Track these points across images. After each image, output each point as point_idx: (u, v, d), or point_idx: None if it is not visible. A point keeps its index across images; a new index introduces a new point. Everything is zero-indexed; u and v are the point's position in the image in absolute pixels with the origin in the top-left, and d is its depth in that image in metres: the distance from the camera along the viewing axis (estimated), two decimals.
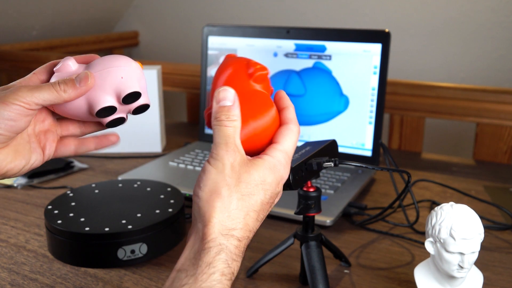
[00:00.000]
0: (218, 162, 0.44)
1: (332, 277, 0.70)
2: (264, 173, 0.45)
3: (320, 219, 0.82)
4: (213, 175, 0.44)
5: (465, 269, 0.55)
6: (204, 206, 0.44)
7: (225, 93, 0.46)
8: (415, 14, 1.69)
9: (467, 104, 1.22)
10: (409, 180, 0.62)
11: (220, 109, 0.46)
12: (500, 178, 1.10)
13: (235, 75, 0.50)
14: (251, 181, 0.45)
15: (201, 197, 0.44)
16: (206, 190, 0.44)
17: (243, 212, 0.44)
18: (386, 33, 1.03)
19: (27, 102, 0.45)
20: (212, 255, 0.41)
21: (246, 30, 1.17)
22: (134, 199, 0.81)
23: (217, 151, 0.45)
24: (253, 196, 0.45)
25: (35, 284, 0.69)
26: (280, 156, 0.47)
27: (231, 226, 0.43)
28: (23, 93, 0.45)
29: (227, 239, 0.43)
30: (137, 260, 0.73)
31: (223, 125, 0.45)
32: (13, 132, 0.46)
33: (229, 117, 0.45)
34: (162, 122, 1.26)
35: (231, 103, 0.46)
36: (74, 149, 0.53)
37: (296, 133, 0.49)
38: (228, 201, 0.43)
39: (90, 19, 2.19)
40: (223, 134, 0.45)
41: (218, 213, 0.43)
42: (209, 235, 0.42)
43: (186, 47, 2.19)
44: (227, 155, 0.44)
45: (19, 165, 0.49)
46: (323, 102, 1.09)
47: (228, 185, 0.44)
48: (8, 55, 1.82)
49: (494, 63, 1.61)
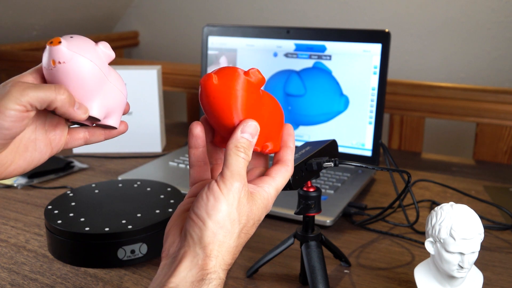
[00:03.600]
0: (230, 193, 0.44)
1: (332, 277, 0.70)
2: (258, 210, 0.47)
3: (320, 219, 0.82)
4: (224, 207, 0.44)
5: (465, 269, 0.55)
6: (208, 236, 0.43)
7: (254, 129, 0.46)
8: (415, 14, 1.69)
9: (467, 104, 1.22)
10: (409, 180, 0.62)
11: (244, 141, 0.46)
12: (500, 178, 1.10)
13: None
14: (251, 220, 0.46)
15: (207, 226, 0.43)
16: (214, 220, 0.43)
17: (238, 249, 0.45)
18: (386, 33, 1.03)
19: (21, 104, 0.41)
20: (212, 287, 0.43)
21: (246, 30, 1.17)
22: (134, 199, 0.81)
23: (232, 181, 0.44)
24: (249, 234, 0.46)
25: (35, 284, 0.69)
26: (273, 193, 0.48)
27: (229, 261, 0.45)
28: (16, 93, 0.41)
29: (225, 273, 0.44)
30: (137, 260, 0.73)
31: (241, 157, 0.45)
32: (9, 138, 0.43)
33: (247, 152, 0.46)
34: (162, 122, 1.26)
35: (253, 140, 0.47)
36: (83, 141, 0.52)
37: (289, 174, 0.50)
38: (233, 238, 0.44)
39: (90, 19, 2.19)
40: (240, 165, 0.45)
41: (222, 247, 0.44)
42: (211, 268, 0.43)
43: (186, 47, 2.19)
44: (239, 189, 0.44)
45: (21, 166, 0.47)
46: (323, 102, 1.09)
47: (235, 221, 0.44)
48: (8, 55, 1.82)
49: (494, 63, 1.61)
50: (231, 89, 0.45)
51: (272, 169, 0.50)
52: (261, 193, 0.47)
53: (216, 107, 0.46)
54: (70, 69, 0.43)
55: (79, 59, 0.43)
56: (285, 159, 0.50)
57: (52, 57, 0.43)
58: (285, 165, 0.50)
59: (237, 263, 0.74)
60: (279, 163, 0.50)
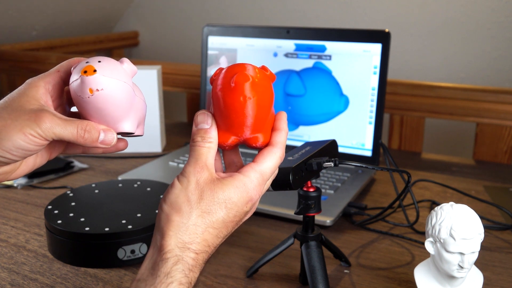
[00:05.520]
0: (184, 178, 0.46)
1: (332, 277, 0.70)
2: (229, 192, 0.46)
3: (320, 219, 0.82)
4: (177, 190, 0.46)
5: (465, 269, 0.55)
6: (163, 219, 0.45)
7: (203, 116, 0.48)
8: (415, 14, 1.69)
9: (467, 104, 1.22)
10: (409, 180, 0.62)
11: (197, 131, 0.48)
12: (500, 178, 1.10)
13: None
14: (214, 199, 0.46)
15: (163, 210, 0.46)
16: (168, 204, 0.45)
17: (201, 228, 0.45)
18: (386, 33, 1.03)
19: (46, 137, 0.44)
20: (169, 265, 0.43)
21: (246, 30, 1.17)
22: (134, 199, 0.81)
23: (186, 168, 0.47)
24: (214, 213, 0.45)
25: (35, 284, 0.69)
26: (254, 176, 0.47)
27: (187, 240, 0.44)
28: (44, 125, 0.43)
29: (183, 251, 0.44)
30: (137, 260, 0.73)
31: (197, 145, 0.47)
32: (24, 156, 0.46)
33: (205, 138, 0.47)
34: (162, 122, 1.26)
35: (208, 126, 0.48)
36: (82, 150, 0.53)
37: (278, 157, 0.49)
38: (187, 216, 0.45)
39: (90, 19, 2.19)
40: (196, 153, 0.47)
41: (175, 227, 0.44)
42: (166, 247, 0.43)
43: (186, 47, 2.19)
44: (194, 172, 0.46)
45: (25, 170, 0.50)
46: (323, 102, 1.09)
47: (189, 201, 0.45)
48: (8, 55, 1.81)
49: (494, 63, 1.61)
50: (270, 88, 0.47)
51: (259, 154, 0.49)
52: (235, 176, 0.47)
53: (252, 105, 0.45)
54: (107, 95, 0.45)
55: (115, 83, 0.45)
56: (274, 140, 0.49)
57: (89, 86, 0.44)
58: (273, 148, 0.49)
59: (237, 263, 0.74)
60: (267, 146, 0.49)
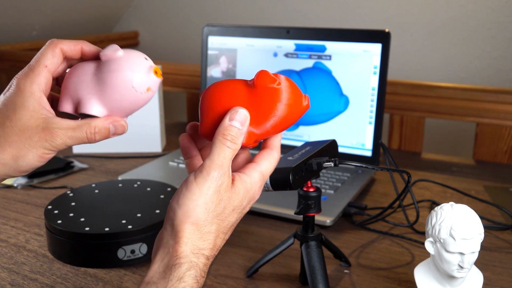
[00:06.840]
0: (206, 182, 0.44)
1: (332, 277, 0.70)
2: (243, 200, 0.46)
3: (320, 219, 0.82)
4: (195, 196, 0.44)
5: (465, 269, 0.55)
6: (178, 225, 0.44)
7: (244, 117, 0.46)
8: (415, 14, 1.69)
9: (467, 104, 1.22)
10: (409, 180, 0.62)
11: (230, 128, 0.45)
12: (500, 178, 1.10)
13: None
14: (229, 207, 0.45)
15: (177, 215, 0.44)
16: (184, 209, 0.44)
17: (213, 235, 0.45)
18: (386, 33, 1.03)
19: (58, 150, 0.45)
20: (183, 270, 0.42)
21: (246, 30, 1.17)
22: (134, 199, 0.81)
23: (209, 170, 0.44)
24: (226, 220, 0.46)
25: (35, 284, 0.69)
26: (257, 177, 0.48)
27: (202, 246, 0.44)
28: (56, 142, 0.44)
29: (198, 257, 0.43)
30: (137, 260, 0.73)
31: (226, 145, 0.45)
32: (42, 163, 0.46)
33: (234, 140, 0.45)
34: (162, 122, 1.26)
35: (243, 129, 0.46)
36: None
37: (276, 160, 0.50)
38: (203, 224, 0.44)
39: (90, 19, 2.19)
40: (223, 154, 0.45)
41: (191, 233, 0.44)
42: (180, 252, 0.43)
43: (186, 47, 2.19)
44: (217, 177, 0.44)
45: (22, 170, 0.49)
46: (323, 102, 1.09)
47: (207, 210, 0.44)
48: (8, 55, 1.81)
49: (494, 63, 1.61)
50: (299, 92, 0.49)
51: (258, 155, 0.49)
52: (243, 178, 0.47)
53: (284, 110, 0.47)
54: (151, 97, 0.46)
55: None
56: (272, 144, 0.50)
57: (149, 85, 0.45)
58: (271, 150, 0.50)
59: (237, 263, 0.74)
60: (265, 149, 0.50)
